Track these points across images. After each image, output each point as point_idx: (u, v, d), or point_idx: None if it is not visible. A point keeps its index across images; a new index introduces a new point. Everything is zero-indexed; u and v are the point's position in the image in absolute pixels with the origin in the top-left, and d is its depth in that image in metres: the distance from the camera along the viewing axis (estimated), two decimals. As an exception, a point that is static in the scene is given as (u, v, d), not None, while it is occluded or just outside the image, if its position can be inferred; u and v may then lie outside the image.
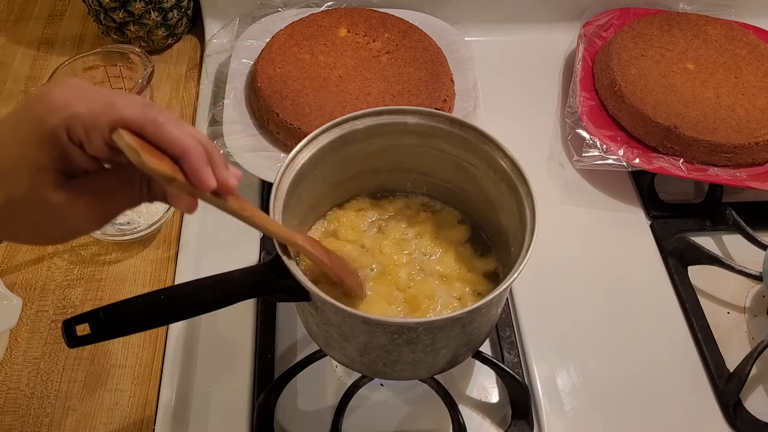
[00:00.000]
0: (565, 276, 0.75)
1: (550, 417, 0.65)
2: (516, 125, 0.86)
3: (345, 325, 0.52)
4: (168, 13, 0.93)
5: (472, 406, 0.66)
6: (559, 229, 0.79)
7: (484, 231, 0.65)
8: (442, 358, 0.55)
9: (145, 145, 0.38)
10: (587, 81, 0.89)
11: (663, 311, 0.73)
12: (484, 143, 0.58)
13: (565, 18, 1.00)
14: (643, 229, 0.80)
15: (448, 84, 0.85)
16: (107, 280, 0.73)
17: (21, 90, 0.92)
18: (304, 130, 0.76)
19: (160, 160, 0.38)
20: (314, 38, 0.87)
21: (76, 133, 0.37)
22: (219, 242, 0.76)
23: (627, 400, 0.66)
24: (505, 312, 0.71)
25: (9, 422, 0.63)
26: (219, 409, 0.64)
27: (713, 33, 0.91)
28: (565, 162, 0.86)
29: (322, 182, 0.61)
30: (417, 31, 0.90)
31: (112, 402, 0.65)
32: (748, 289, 0.76)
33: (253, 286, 0.51)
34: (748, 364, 0.65)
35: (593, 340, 0.70)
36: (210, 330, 0.69)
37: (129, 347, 0.68)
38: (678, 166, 0.79)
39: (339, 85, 0.82)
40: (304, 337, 0.69)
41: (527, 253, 0.51)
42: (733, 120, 0.80)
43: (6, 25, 1.01)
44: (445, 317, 0.50)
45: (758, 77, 0.86)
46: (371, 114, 0.59)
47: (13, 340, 0.68)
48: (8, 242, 0.74)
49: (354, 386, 0.63)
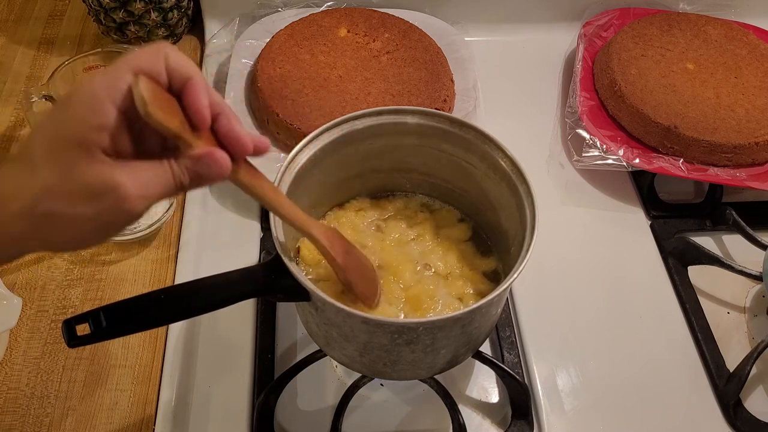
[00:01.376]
0: (565, 276, 0.75)
1: (550, 417, 0.65)
2: (516, 125, 0.86)
3: (345, 325, 0.52)
4: (168, 13, 0.93)
5: (472, 406, 0.66)
6: (559, 229, 0.79)
7: (484, 231, 0.65)
8: (442, 358, 0.55)
9: (160, 99, 0.37)
10: (587, 81, 0.89)
11: (663, 311, 0.73)
12: (484, 143, 0.58)
13: (565, 18, 1.00)
14: (643, 229, 0.80)
15: (448, 84, 0.85)
16: (107, 280, 0.73)
17: (21, 90, 0.92)
18: (304, 130, 0.76)
19: (171, 116, 0.37)
20: (314, 38, 0.87)
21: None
22: (219, 242, 0.76)
23: (627, 400, 0.66)
24: (505, 312, 0.71)
25: (9, 422, 0.63)
26: (219, 409, 0.64)
27: (713, 33, 0.91)
28: (565, 162, 0.86)
29: (322, 182, 0.61)
30: (417, 31, 0.90)
31: (112, 402, 0.65)
32: (748, 289, 0.75)
33: (253, 286, 0.51)
34: (748, 364, 0.65)
35: (593, 340, 0.70)
36: (210, 330, 0.69)
37: (129, 347, 0.68)
38: (678, 166, 0.79)
39: (339, 85, 0.82)
40: (304, 337, 0.69)
41: (527, 253, 0.51)
42: (733, 120, 0.80)
43: (6, 25, 1.01)
44: (445, 317, 0.50)
45: (758, 77, 0.86)
46: (371, 114, 0.59)
47: (13, 340, 0.68)
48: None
49: (354, 386, 0.63)
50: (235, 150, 0.41)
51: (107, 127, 0.37)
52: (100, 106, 0.36)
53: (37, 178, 0.36)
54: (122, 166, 0.37)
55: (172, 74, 0.38)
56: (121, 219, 0.38)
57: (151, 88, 0.37)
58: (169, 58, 0.38)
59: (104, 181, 0.36)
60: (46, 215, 0.37)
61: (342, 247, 0.53)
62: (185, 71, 0.39)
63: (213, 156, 0.39)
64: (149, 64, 0.38)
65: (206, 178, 0.40)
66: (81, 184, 0.36)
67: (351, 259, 0.53)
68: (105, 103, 0.36)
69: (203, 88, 0.39)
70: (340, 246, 0.52)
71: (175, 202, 0.76)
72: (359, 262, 0.55)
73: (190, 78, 0.39)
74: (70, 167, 0.36)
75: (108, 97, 0.36)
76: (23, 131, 0.87)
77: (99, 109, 0.36)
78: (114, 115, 0.37)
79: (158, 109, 0.36)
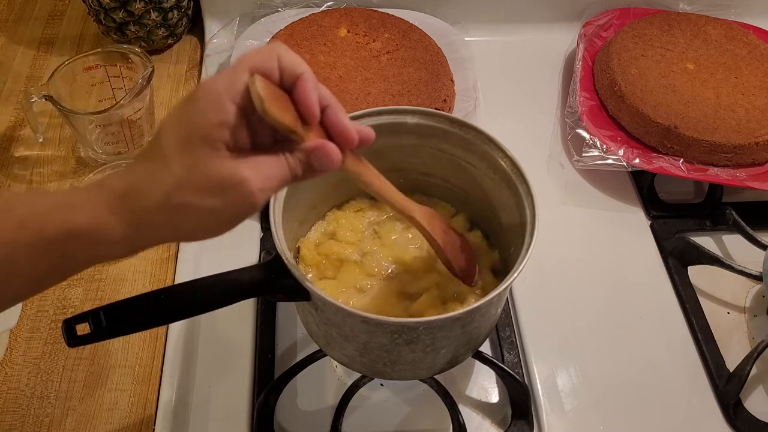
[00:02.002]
0: (565, 276, 0.75)
1: (550, 417, 0.65)
2: (516, 125, 0.86)
3: (345, 324, 0.52)
4: (168, 13, 0.93)
5: (472, 406, 0.66)
6: (559, 229, 0.79)
7: (484, 231, 0.65)
8: (442, 358, 0.55)
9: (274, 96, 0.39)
10: (587, 81, 0.89)
11: (663, 311, 0.73)
12: (484, 143, 0.58)
13: (565, 18, 1.00)
14: (643, 229, 0.80)
15: (448, 84, 0.85)
16: (107, 280, 0.73)
17: (21, 90, 0.92)
18: (304, 130, 0.76)
19: (284, 112, 0.39)
20: (314, 38, 0.87)
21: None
22: (219, 242, 0.75)
23: (627, 400, 0.66)
24: (505, 312, 0.71)
25: (9, 422, 0.63)
26: (219, 409, 0.64)
27: (713, 33, 0.91)
28: (565, 162, 0.86)
29: (321, 182, 0.61)
30: (417, 31, 0.90)
31: (112, 402, 0.65)
32: (748, 289, 0.75)
33: (253, 286, 0.51)
34: (748, 364, 0.65)
35: (593, 340, 0.70)
36: (210, 330, 0.69)
37: (129, 347, 0.68)
38: (678, 166, 0.79)
39: (339, 85, 0.82)
40: (304, 337, 0.69)
41: (527, 253, 0.51)
42: (733, 120, 0.80)
43: (6, 25, 1.01)
44: (445, 317, 0.50)
45: (758, 77, 0.86)
46: (371, 114, 0.59)
47: (13, 340, 0.68)
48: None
49: (354, 386, 0.63)
50: (343, 141, 0.43)
51: (228, 124, 0.38)
52: (222, 104, 0.38)
53: (170, 172, 0.39)
54: (245, 161, 0.39)
55: (284, 72, 0.41)
56: (246, 210, 0.40)
57: (266, 86, 0.39)
58: (282, 58, 0.41)
59: (231, 176, 0.38)
60: (179, 207, 0.39)
61: (440, 227, 0.55)
62: (296, 69, 0.41)
63: (325, 149, 0.41)
64: (264, 64, 0.40)
65: (318, 169, 0.42)
66: (209, 178, 0.38)
67: (449, 238, 0.55)
68: (225, 102, 0.38)
69: (313, 84, 0.41)
70: (438, 227, 0.54)
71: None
72: (457, 240, 0.57)
73: (301, 75, 0.41)
74: (198, 162, 0.38)
75: (228, 95, 0.38)
76: (23, 131, 0.87)
77: (220, 107, 0.38)
78: (234, 112, 0.39)
79: (273, 106, 0.38)
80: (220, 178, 0.38)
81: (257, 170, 0.39)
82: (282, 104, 0.40)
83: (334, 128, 0.42)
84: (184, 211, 0.39)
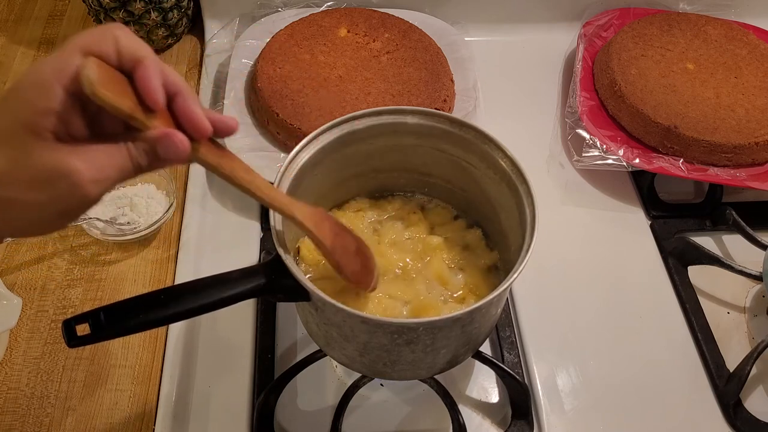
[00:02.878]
0: (565, 276, 0.75)
1: (550, 417, 0.65)
2: (516, 125, 0.86)
3: (345, 325, 0.52)
4: (168, 13, 0.93)
5: (472, 406, 0.66)
6: (559, 229, 0.79)
7: (484, 231, 0.65)
8: (442, 358, 0.55)
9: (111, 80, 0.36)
10: (587, 81, 0.89)
11: (663, 311, 0.73)
12: (484, 143, 0.58)
13: (565, 18, 1.00)
14: (643, 229, 0.80)
15: (448, 84, 0.85)
16: (107, 280, 0.73)
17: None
18: (304, 130, 0.76)
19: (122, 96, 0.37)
20: (314, 38, 0.87)
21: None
22: (219, 242, 0.76)
23: (627, 400, 0.66)
24: (505, 312, 0.71)
25: (9, 422, 0.63)
26: (219, 409, 0.64)
27: (713, 33, 0.91)
28: (565, 162, 0.86)
29: (322, 182, 0.61)
30: (417, 31, 0.90)
31: (112, 402, 0.65)
32: (748, 289, 0.76)
33: (253, 286, 0.51)
34: (748, 364, 0.65)
35: (593, 340, 0.70)
36: (210, 330, 0.69)
37: (129, 347, 0.68)
38: (678, 166, 0.79)
39: (339, 85, 0.82)
40: (304, 337, 0.69)
41: (527, 253, 0.51)
42: (733, 120, 0.80)
43: (6, 25, 1.01)
44: (445, 317, 0.50)
45: (758, 77, 0.86)
46: (371, 114, 0.59)
47: (13, 340, 0.68)
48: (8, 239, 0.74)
49: (354, 386, 0.63)
50: (193, 130, 0.40)
51: (55, 111, 0.36)
52: (47, 89, 0.36)
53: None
54: (75, 151, 0.36)
55: (123, 55, 0.38)
56: (78, 204, 0.38)
57: (101, 70, 0.36)
58: (120, 39, 0.37)
59: (56, 167, 0.36)
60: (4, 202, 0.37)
61: (330, 229, 0.51)
62: (136, 53, 0.38)
63: (169, 137, 0.38)
64: (98, 45, 0.37)
65: (165, 160, 0.39)
66: (33, 170, 0.36)
67: (341, 241, 0.52)
68: (52, 86, 0.36)
69: (154, 69, 0.38)
70: (328, 228, 0.51)
71: (175, 202, 0.76)
72: (352, 244, 0.53)
73: (142, 59, 0.38)
74: (21, 153, 0.36)
75: (56, 79, 0.36)
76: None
77: (46, 93, 0.36)
78: (62, 98, 0.36)
79: (107, 89, 0.36)
80: (45, 170, 0.36)
81: (90, 160, 0.37)
82: (120, 89, 0.37)
83: (182, 116, 0.39)
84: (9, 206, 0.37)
